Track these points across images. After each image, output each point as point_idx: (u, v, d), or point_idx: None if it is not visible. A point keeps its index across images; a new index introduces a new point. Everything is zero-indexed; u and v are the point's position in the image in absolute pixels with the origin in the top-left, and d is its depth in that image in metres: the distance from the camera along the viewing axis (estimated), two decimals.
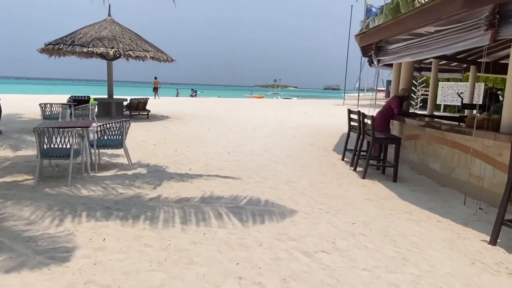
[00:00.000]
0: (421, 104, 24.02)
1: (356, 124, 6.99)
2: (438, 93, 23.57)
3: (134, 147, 7.59)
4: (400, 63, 11.02)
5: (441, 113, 16.74)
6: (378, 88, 42.54)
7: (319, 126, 13.16)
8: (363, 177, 5.87)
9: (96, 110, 11.83)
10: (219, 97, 39.54)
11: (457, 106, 22.12)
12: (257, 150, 7.79)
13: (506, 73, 14.20)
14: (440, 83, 23.61)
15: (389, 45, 7.25)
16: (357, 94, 36.69)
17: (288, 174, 5.95)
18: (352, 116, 7.13)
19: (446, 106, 23.62)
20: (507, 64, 13.15)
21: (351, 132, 7.31)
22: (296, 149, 8.32)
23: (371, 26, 28.66)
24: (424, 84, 23.90)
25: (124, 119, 5.86)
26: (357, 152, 6.56)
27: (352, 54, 26.22)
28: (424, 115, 8.82)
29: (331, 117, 16.82)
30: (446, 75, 14.92)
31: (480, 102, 17.22)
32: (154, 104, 18.93)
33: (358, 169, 6.41)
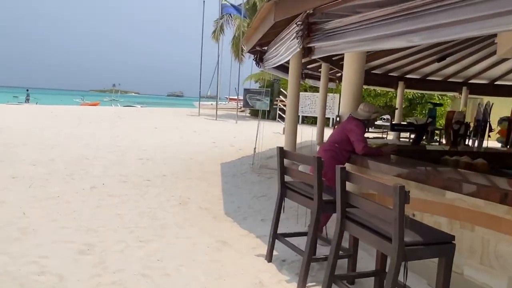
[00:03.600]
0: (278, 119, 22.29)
1: (301, 188, 3.20)
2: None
3: None
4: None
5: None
6: (230, 97, 40.88)
7: (181, 152, 8.96)
8: None
9: None
10: (36, 103, 30.46)
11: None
12: (55, 263, 3.07)
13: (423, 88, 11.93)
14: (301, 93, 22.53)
15: (335, 19, 3.75)
16: (209, 103, 33.76)
17: None
18: (289, 164, 3.31)
19: (304, 118, 22.70)
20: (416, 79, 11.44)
21: (286, 197, 3.42)
22: (156, 223, 3.99)
23: (225, 26, 25.97)
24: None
25: None
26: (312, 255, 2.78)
27: (201, 59, 22.58)
28: (419, 150, 5.19)
29: (192, 135, 12.78)
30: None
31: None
32: None
33: None
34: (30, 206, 4.25)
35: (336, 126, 4.87)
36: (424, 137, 7.25)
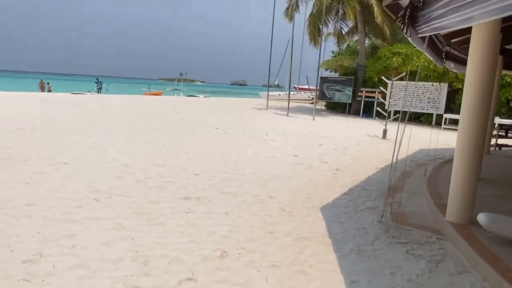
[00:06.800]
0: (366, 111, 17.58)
1: None
2: (387, 96, 17.96)
3: None
4: None
5: None
6: (299, 86, 36.92)
7: (251, 178, 5.57)
8: None
9: None
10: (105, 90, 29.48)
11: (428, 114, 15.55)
12: None
13: None
14: (393, 82, 18.12)
15: None
16: (276, 93, 30.18)
17: None
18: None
19: (396, 113, 18.22)
20: None
21: None
22: None
23: (300, 2, 22.06)
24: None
25: None
26: None
27: (263, 46, 19.07)
28: None
29: (263, 140, 9.38)
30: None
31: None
32: None
33: None
34: None
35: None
36: None
